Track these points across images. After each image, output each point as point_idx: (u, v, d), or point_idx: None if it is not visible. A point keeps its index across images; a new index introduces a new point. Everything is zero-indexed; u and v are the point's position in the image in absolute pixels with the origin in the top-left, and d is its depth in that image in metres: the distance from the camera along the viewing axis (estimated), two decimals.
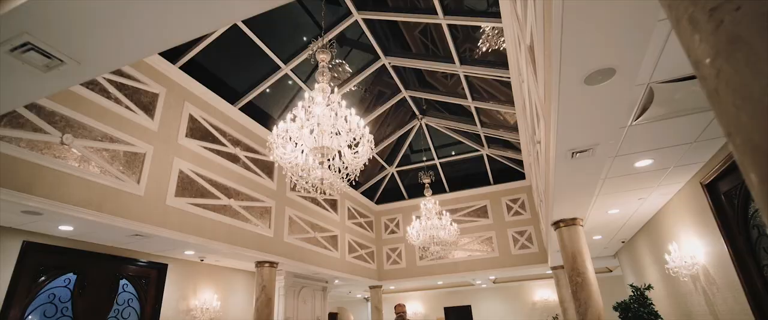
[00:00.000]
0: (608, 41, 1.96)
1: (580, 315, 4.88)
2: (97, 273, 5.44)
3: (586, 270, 5.02)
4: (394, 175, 11.09)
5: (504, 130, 8.91)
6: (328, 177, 4.11)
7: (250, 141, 6.76)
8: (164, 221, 4.90)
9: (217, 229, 5.68)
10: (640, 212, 5.56)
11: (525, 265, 9.81)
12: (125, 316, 5.65)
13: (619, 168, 3.87)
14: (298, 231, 7.66)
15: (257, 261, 6.61)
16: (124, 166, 4.59)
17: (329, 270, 8.45)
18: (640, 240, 7.05)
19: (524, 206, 10.32)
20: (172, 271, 6.47)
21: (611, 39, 1.95)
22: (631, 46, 1.99)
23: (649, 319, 5.39)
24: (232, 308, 7.52)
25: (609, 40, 1.96)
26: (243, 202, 6.29)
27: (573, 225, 5.23)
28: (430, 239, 8.01)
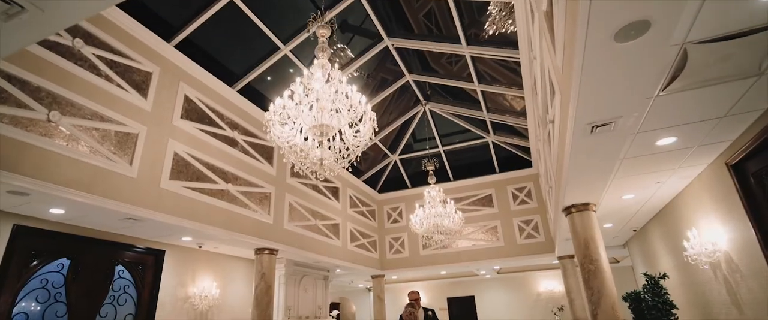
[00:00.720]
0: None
1: (593, 305, 4.67)
2: (91, 259, 5.26)
3: (600, 258, 4.80)
4: (397, 163, 10.87)
5: (510, 116, 8.64)
6: (328, 158, 3.88)
7: (248, 125, 6.54)
8: (158, 204, 4.70)
9: (214, 214, 5.48)
10: (656, 197, 5.32)
11: (531, 255, 9.59)
12: (121, 302, 5.49)
13: (639, 147, 3.62)
14: (299, 218, 7.46)
15: (256, 248, 6.43)
16: (115, 147, 4.39)
17: (330, 259, 8.27)
18: (653, 229, 6.80)
19: (531, 194, 10.08)
20: (169, 258, 6.30)
21: None
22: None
23: (664, 309, 5.17)
24: (232, 296, 7.37)
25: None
26: (241, 187, 6.08)
27: (585, 211, 5.00)
28: (434, 227, 7.81)
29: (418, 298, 5.22)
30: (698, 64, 2.55)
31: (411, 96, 9.28)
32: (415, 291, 5.28)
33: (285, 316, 7.61)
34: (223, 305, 7.10)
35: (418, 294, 5.25)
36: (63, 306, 4.86)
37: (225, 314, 7.11)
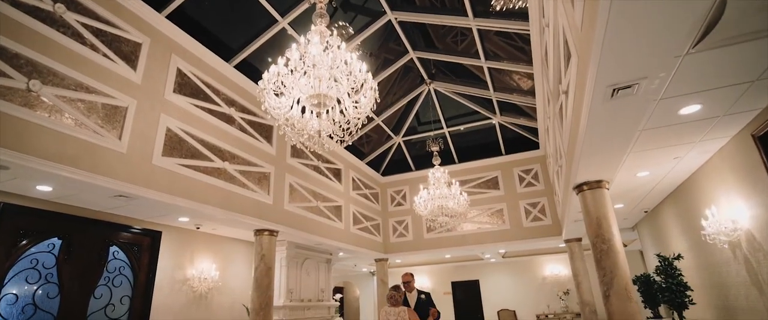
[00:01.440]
0: None
1: (605, 285, 4.45)
2: (84, 239, 5.10)
3: (613, 237, 4.56)
4: (400, 145, 10.62)
5: (517, 95, 8.34)
6: (326, 130, 3.63)
7: (246, 102, 6.30)
8: (150, 181, 4.50)
9: (211, 193, 5.28)
10: (672, 174, 5.05)
11: (537, 238, 9.39)
12: (117, 284, 5.35)
13: (660, 117, 3.36)
14: (300, 199, 7.27)
15: (256, 229, 6.25)
16: (102, 120, 4.16)
17: (333, 241, 8.10)
18: (666, 209, 6.55)
19: (537, 177, 9.83)
20: (166, 239, 6.14)
21: None
22: None
23: (678, 291, 4.96)
24: (232, 278, 7.23)
25: None
26: (239, 166, 5.87)
27: (598, 189, 4.75)
28: (439, 209, 7.60)
29: (409, 280, 4.97)
30: (736, 15, 2.27)
31: (415, 76, 8.98)
32: (408, 273, 5.05)
33: (287, 299, 7.48)
34: (223, 287, 6.96)
35: (409, 276, 5.01)
36: (55, 287, 4.72)
37: (225, 296, 6.98)
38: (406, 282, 4.94)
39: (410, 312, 4.34)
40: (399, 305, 4.42)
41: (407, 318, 4.28)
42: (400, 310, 4.35)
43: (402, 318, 4.30)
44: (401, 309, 4.36)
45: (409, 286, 4.93)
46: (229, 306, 7.02)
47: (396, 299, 4.44)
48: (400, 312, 4.34)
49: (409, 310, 4.35)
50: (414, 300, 4.81)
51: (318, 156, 8.23)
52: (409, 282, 4.94)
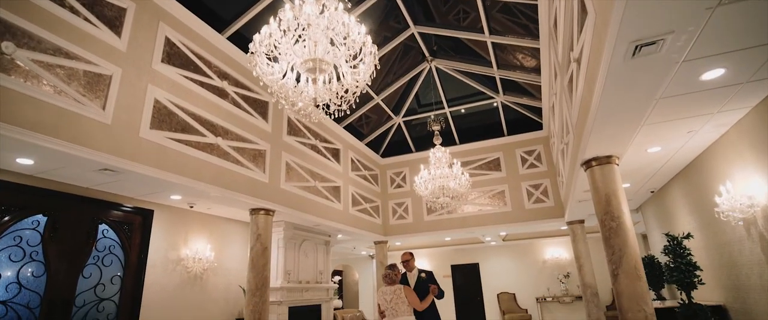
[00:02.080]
0: None
1: (613, 264, 4.28)
2: (71, 217, 4.90)
3: (622, 214, 4.37)
4: (400, 126, 10.37)
5: (521, 72, 8.08)
6: (322, 95, 3.39)
7: (240, 75, 6.03)
8: (137, 155, 4.27)
9: (204, 169, 5.06)
10: (684, 150, 4.84)
11: (539, 220, 9.23)
12: (107, 263, 5.17)
13: (680, 83, 3.12)
14: (297, 178, 7.06)
15: (251, 208, 6.05)
16: (84, 89, 3.91)
17: (331, 222, 7.92)
18: (674, 188, 6.36)
19: (540, 158, 9.62)
20: (159, 218, 5.94)
21: None
22: None
23: (687, 270, 4.80)
24: (228, 259, 7.07)
25: None
26: (233, 142, 5.64)
27: (608, 164, 4.54)
28: (440, 190, 7.41)
29: (409, 259, 4.75)
30: None
31: (416, 54, 8.69)
32: (407, 252, 4.84)
33: (284, 280, 7.34)
34: (219, 268, 6.81)
35: (409, 255, 4.79)
36: (41, 265, 4.53)
37: (221, 277, 6.83)
38: (405, 261, 4.76)
39: (407, 290, 4.16)
40: (395, 284, 4.25)
41: (404, 296, 4.12)
42: (397, 288, 4.18)
43: (398, 296, 4.13)
44: (397, 287, 4.20)
45: (409, 265, 4.75)
46: (225, 288, 6.88)
47: (391, 278, 4.27)
48: (396, 290, 4.17)
49: (406, 288, 4.18)
50: (414, 280, 4.62)
51: (316, 135, 8.00)
52: (408, 261, 4.75)
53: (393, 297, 4.15)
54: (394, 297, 4.14)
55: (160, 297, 5.71)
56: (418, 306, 4.12)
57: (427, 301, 4.21)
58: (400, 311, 4.10)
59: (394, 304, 4.13)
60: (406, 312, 4.08)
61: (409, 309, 4.10)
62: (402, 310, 4.09)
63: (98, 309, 4.96)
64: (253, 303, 5.65)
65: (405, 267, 4.77)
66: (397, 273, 4.35)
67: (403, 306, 4.09)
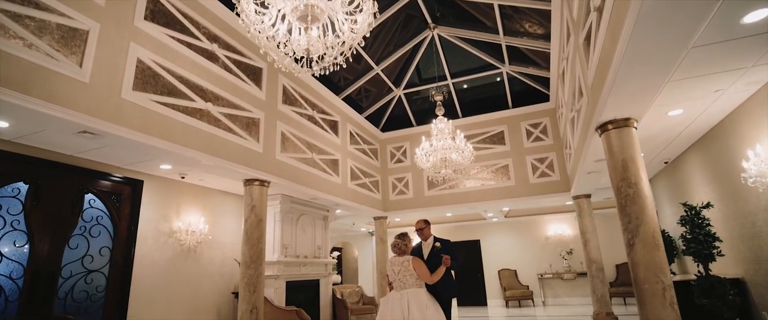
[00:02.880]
0: None
1: (629, 234, 4.03)
2: (55, 185, 4.63)
3: (640, 180, 4.09)
4: (401, 99, 10.01)
5: (529, 39, 7.68)
6: (316, 46, 3.06)
7: (231, 39, 5.67)
8: (119, 117, 3.96)
9: (193, 136, 4.76)
10: (707, 114, 4.53)
11: (544, 195, 8.98)
12: (94, 234, 4.93)
13: (718, 26, 2.78)
14: (293, 149, 6.77)
15: (245, 179, 5.78)
16: (58, 43, 3.58)
17: (329, 196, 7.67)
18: (691, 158, 6.07)
19: (546, 131, 9.30)
20: (149, 189, 5.68)
21: None
22: None
23: (706, 242, 4.56)
24: (223, 233, 6.85)
25: None
26: (224, 109, 5.32)
27: (625, 127, 4.24)
28: (442, 162, 7.13)
29: (423, 228, 4.43)
30: None
31: (418, 24, 8.26)
32: (421, 219, 4.51)
33: (282, 255, 7.14)
34: (213, 241, 6.59)
35: (423, 223, 4.44)
36: (23, 235, 4.29)
37: (215, 250, 6.62)
38: (419, 229, 4.46)
39: (416, 262, 3.89)
40: (404, 254, 4.00)
41: (411, 268, 3.86)
42: (405, 260, 3.93)
43: (406, 268, 3.88)
44: (405, 258, 3.94)
45: (424, 234, 4.44)
46: (221, 261, 6.68)
47: (400, 248, 4.01)
48: (404, 261, 3.92)
49: (415, 260, 3.91)
50: (428, 250, 4.34)
51: (313, 105, 7.67)
52: (422, 230, 4.44)
53: (401, 269, 3.90)
54: (402, 269, 3.89)
55: (152, 270, 5.50)
56: (428, 279, 3.84)
57: (438, 274, 3.91)
58: (408, 283, 3.85)
59: (401, 276, 3.88)
60: (414, 285, 3.83)
61: (418, 282, 3.84)
62: (410, 283, 3.84)
63: (86, 280, 4.75)
64: (247, 275, 5.44)
65: (419, 236, 4.49)
66: (408, 242, 4.09)
67: (411, 279, 3.84)
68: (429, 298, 3.80)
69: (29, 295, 4.19)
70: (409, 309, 3.69)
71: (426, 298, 3.77)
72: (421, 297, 3.76)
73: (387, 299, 3.91)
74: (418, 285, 3.83)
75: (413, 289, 3.81)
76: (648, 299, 3.80)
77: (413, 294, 3.77)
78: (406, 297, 3.77)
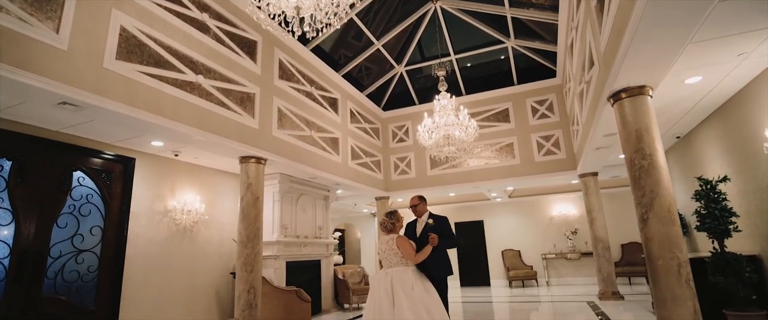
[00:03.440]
0: None
1: (643, 208, 3.82)
2: (41, 162, 4.44)
3: (655, 151, 3.86)
4: (403, 77, 9.71)
5: (535, 10, 7.33)
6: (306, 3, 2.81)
7: (223, 9, 5.38)
8: (102, 88, 3.74)
9: (184, 110, 4.54)
10: (726, 82, 4.25)
11: (549, 173, 8.76)
12: (84, 213, 4.77)
13: None
14: (291, 126, 6.54)
15: (241, 156, 5.58)
16: (32, 7, 3.33)
17: (329, 175, 7.48)
18: (704, 131, 5.81)
19: (552, 108, 9.02)
20: (141, 167, 5.50)
21: None
22: None
23: (722, 217, 4.34)
24: (220, 213, 6.69)
25: None
26: (217, 83, 5.08)
27: (640, 95, 3.98)
28: (445, 139, 6.90)
29: (417, 204, 4.17)
30: None
31: None
32: (416, 195, 4.26)
33: (281, 234, 7.00)
34: (210, 221, 6.44)
35: (417, 199, 4.18)
36: (8, 213, 4.12)
37: (213, 230, 6.47)
38: (413, 205, 4.25)
39: (400, 240, 3.72)
40: (391, 232, 3.84)
41: (396, 247, 3.69)
42: (390, 238, 3.78)
43: (390, 246, 3.72)
44: (390, 236, 3.79)
45: (417, 211, 4.22)
46: (218, 242, 6.54)
47: (386, 226, 3.86)
48: (389, 240, 3.76)
49: (399, 237, 3.74)
50: (422, 227, 4.12)
51: (311, 81, 7.40)
52: (416, 206, 4.23)
53: (387, 248, 3.75)
54: (388, 248, 3.73)
55: (146, 250, 5.36)
56: (412, 258, 3.63)
57: (424, 254, 3.68)
58: (393, 262, 3.69)
59: (387, 255, 3.73)
60: (399, 264, 3.66)
61: (403, 260, 3.66)
62: (394, 261, 3.68)
63: (77, 260, 4.61)
64: (244, 255, 5.30)
65: (414, 213, 4.27)
66: (397, 220, 3.90)
67: (396, 258, 3.67)
68: (416, 277, 3.60)
69: (17, 275, 4.05)
70: (392, 289, 3.52)
71: (412, 277, 3.57)
72: (406, 275, 3.57)
73: (373, 278, 3.76)
74: (403, 264, 3.66)
75: (398, 268, 3.64)
76: (662, 276, 3.61)
77: (397, 274, 3.59)
78: (390, 277, 3.60)
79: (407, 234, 4.11)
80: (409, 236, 4.05)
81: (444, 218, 4.12)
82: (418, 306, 3.38)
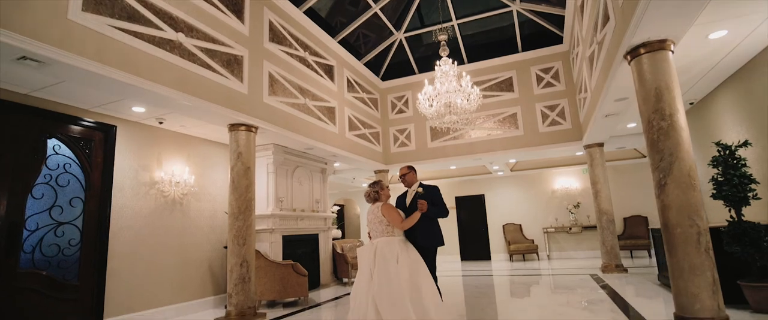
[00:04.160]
0: None
1: (661, 172, 3.53)
2: (8, 128, 4.12)
3: (676, 112, 3.55)
4: (402, 44, 9.26)
5: None
6: None
7: None
8: (68, 42, 3.38)
9: (163, 71, 4.19)
10: (752, 38, 3.89)
11: (554, 144, 8.45)
12: (62, 183, 4.48)
13: None
14: (283, 93, 6.19)
15: (230, 123, 5.27)
16: None
17: (325, 145, 7.17)
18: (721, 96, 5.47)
19: (558, 76, 8.63)
20: (124, 135, 5.18)
21: None
22: None
23: (741, 184, 4.07)
24: (212, 185, 6.42)
25: None
26: (200, 42, 4.71)
27: (661, 50, 3.64)
28: (446, 107, 6.56)
29: (405, 173, 3.89)
30: None
31: None
32: (406, 165, 3.96)
33: (276, 208, 6.75)
34: (201, 194, 6.17)
35: (406, 169, 3.92)
36: None
37: (205, 203, 6.22)
38: (402, 175, 3.97)
39: (385, 207, 3.48)
40: (377, 201, 3.60)
41: (381, 214, 3.45)
42: (374, 207, 3.55)
43: (375, 215, 3.49)
44: (376, 205, 3.55)
45: (406, 180, 3.92)
46: (211, 215, 6.29)
47: (371, 195, 3.63)
48: (374, 209, 3.54)
49: (384, 204, 3.51)
50: (412, 197, 3.84)
51: (305, 46, 6.99)
52: (404, 176, 3.94)
53: (372, 217, 3.53)
54: (373, 217, 3.51)
55: (133, 222, 5.11)
56: (398, 224, 3.40)
57: (411, 220, 3.45)
58: (378, 231, 3.46)
59: (373, 225, 3.51)
60: (384, 233, 3.42)
61: (388, 229, 3.42)
62: (380, 230, 3.45)
63: (57, 233, 4.35)
64: (236, 227, 5.05)
65: (403, 184, 4.00)
66: (381, 189, 3.65)
67: (381, 226, 3.44)
68: (403, 249, 3.35)
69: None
70: (375, 261, 3.27)
71: (398, 249, 3.33)
72: (391, 246, 3.33)
73: (360, 251, 3.52)
74: (388, 234, 3.42)
75: (383, 239, 3.40)
76: (680, 244, 3.36)
77: (383, 245, 3.35)
78: (374, 248, 3.37)
79: (398, 206, 3.86)
80: (400, 208, 3.81)
81: (434, 187, 3.84)
82: (398, 283, 3.11)
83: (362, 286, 3.29)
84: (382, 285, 3.13)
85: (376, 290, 3.13)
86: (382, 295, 3.09)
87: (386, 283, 3.13)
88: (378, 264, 3.24)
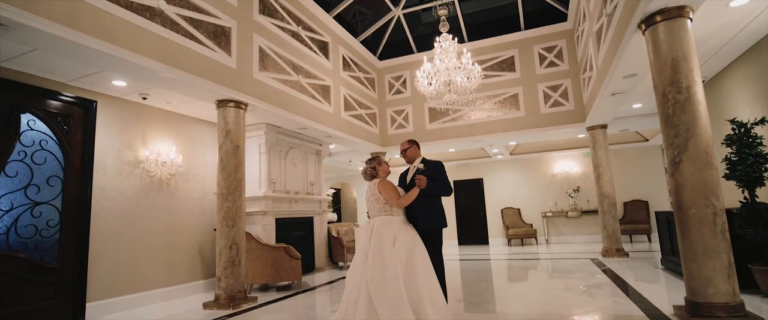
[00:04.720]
0: None
1: (675, 149, 3.30)
2: None
3: (694, 84, 3.30)
4: (400, 21, 8.90)
5: None
6: None
7: None
8: (34, 4, 3.08)
9: (143, 40, 3.90)
10: None
11: (556, 126, 8.21)
12: (38, 161, 4.22)
13: None
14: (274, 69, 5.89)
15: (218, 99, 5.00)
16: None
17: (320, 125, 6.91)
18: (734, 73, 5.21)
19: (561, 55, 8.34)
20: (105, 112, 4.90)
21: None
22: None
23: (756, 163, 3.85)
24: (201, 165, 6.17)
25: None
26: (182, 10, 4.39)
27: (679, 18, 3.37)
28: (445, 86, 6.29)
29: (406, 148, 3.67)
30: None
31: None
32: (407, 140, 3.72)
33: (269, 190, 6.52)
34: (189, 174, 5.92)
35: (406, 143, 3.68)
36: None
37: (193, 184, 5.98)
38: (403, 150, 3.73)
39: (381, 184, 3.28)
40: (374, 178, 3.41)
41: (377, 192, 3.26)
42: (372, 184, 3.37)
43: (372, 192, 3.31)
44: (373, 182, 3.36)
45: (407, 155, 3.69)
46: (200, 196, 6.06)
47: (368, 172, 3.43)
48: (371, 186, 3.36)
49: (380, 182, 3.30)
50: (413, 173, 3.60)
51: (298, 20, 6.66)
52: (405, 151, 3.69)
53: (369, 194, 3.34)
54: (370, 195, 3.32)
55: (116, 203, 4.88)
56: (394, 201, 3.19)
57: (410, 197, 3.24)
58: (376, 210, 3.26)
59: (371, 203, 3.31)
60: (382, 211, 3.22)
61: (385, 207, 3.21)
62: (377, 209, 3.24)
63: (33, 213, 4.11)
64: (225, 208, 4.83)
65: (404, 159, 3.77)
66: (380, 164, 3.44)
67: (378, 205, 3.24)
68: (401, 229, 3.13)
69: None
70: (371, 241, 3.07)
71: (396, 229, 3.11)
72: (389, 226, 3.12)
73: (358, 231, 3.31)
74: (386, 212, 3.21)
75: (381, 218, 3.20)
76: (694, 225, 3.15)
77: (380, 224, 3.15)
78: (371, 227, 3.17)
79: (400, 184, 3.65)
80: (401, 186, 3.59)
81: (437, 162, 3.58)
82: (394, 269, 2.89)
83: (357, 269, 3.10)
84: (376, 270, 2.92)
85: (369, 275, 2.92)
86: (375, 280, 2.88)
87: (380, 267, 2.92)
88: (373, 244, 3.03)
